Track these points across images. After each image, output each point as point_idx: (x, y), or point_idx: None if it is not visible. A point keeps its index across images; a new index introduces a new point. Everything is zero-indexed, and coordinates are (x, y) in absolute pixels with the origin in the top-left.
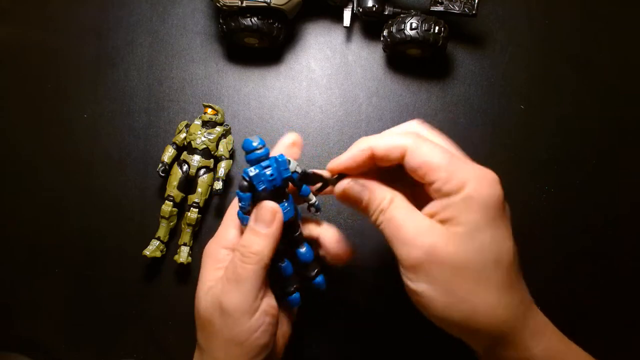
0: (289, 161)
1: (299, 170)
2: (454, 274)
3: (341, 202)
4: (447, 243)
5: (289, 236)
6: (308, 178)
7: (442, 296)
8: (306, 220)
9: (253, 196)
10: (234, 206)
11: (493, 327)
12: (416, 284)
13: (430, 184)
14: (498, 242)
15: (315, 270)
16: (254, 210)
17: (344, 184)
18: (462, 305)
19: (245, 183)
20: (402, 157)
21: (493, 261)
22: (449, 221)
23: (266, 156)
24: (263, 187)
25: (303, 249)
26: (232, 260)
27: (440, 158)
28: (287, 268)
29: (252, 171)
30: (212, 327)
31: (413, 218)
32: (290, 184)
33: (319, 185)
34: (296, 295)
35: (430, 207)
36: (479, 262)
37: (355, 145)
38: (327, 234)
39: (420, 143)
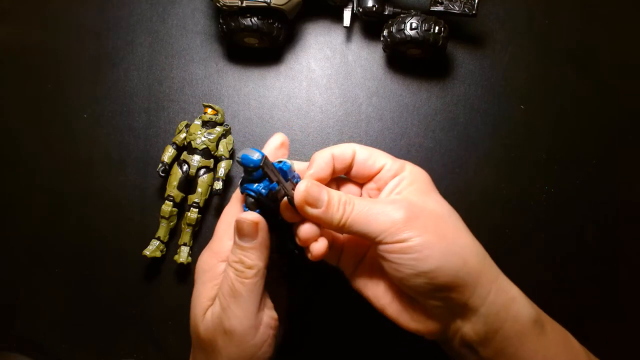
0: (292, 165)
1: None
2: (437, 221)
3: (301, 210)
4: (417, 201)
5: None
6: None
7: (437, 242)
8: None
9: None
10: (227, 214)
11: (482, 265)
12: (411, 241)
13: (378, 170)
14: (444, 202)
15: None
16: (234, 225)
17: (303, 185)
18: (457, 248)
19: (253, 200)
20: (353, 156)
21: (452, 212)
22: (403, 191)
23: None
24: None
25: None
26: (227, 277)
27: (378, 151)
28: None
29: (263, 190)
30: (214, 347)
31: (375, 200)
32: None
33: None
34: None
35: (383, 192)
36: (445, 211)
37: (318, 158)
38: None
39: (361, 146)
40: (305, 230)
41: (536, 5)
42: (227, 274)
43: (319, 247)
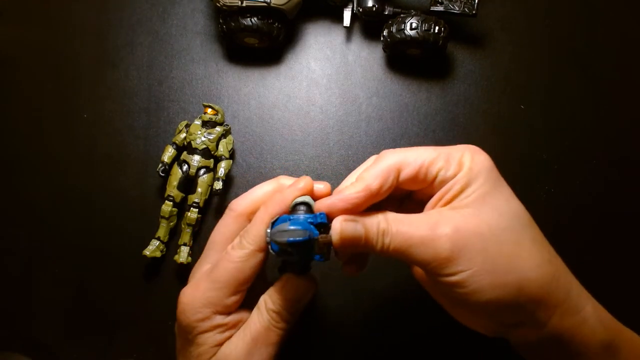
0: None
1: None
2: (487, 245)
3: (342, 251)
4: (464, 218)
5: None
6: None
7: (486, 274)
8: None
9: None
10: (233, 262)
11: (546, 289)
12: (457, 276)
13: (433, 179)
14: (508, 200)
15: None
16: (290, 286)
17: (337, 228)
18: (511, 276)
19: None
20: (397, 178)
21: (515, 219)
22: (455, 199)
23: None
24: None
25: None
26: (262, 322)
27: (430, 152)
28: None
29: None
30: None
31: (418, 218)
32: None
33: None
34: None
35: (432, 201)
36: (501, 222)
37: (349, 190)
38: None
39: (404, 153)
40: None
41: (536, 5)
42: (261, 319)
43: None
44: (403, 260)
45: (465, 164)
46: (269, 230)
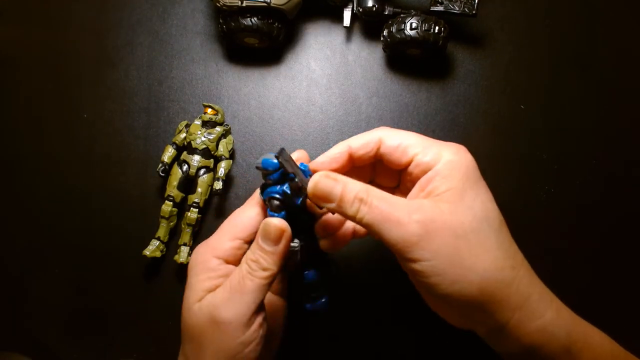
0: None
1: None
2: (454, 240)
3: (315, 202)
4: (440, 212)
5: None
6: (283, 158)
7: (449, 267)
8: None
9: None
10: (238, 215)
11: (505, 292)
12: (419, 264)
13: (409, 161)
14: (484, 202)
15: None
16: (261, 226)
17: (314, 179)
18: (472, 275)
19: (278, 202)
20: (378, 149)
21: (485, 221)
22: (434, 191)
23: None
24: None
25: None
26: (240, 271)
27: (413, 137)
28: (309, 274)
29: (286, 189)
30: (204, 338)
31: (398, 200)
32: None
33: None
34: (322, 300)
35: (413, 191)
36: (474, 223)
37: (333, 148)
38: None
39: (392, 131)
40: (321, 225)
41: (536, 5)
42: (240, 269)
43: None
44: (371, 234)
45: (443, 157)
46: (257, 191)
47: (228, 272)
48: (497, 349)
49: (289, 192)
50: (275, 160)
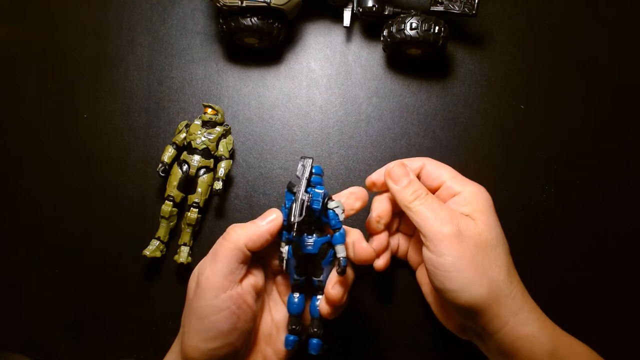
0: (326, 195)
1: (337, 210)
2: (476, 249)
3: (385, 179)
4: (470, 225)
5: (308, 269)
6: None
7: (468, 268)
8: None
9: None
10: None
11: (506, 300)
12: (445, 258)
13: (439, 185)
14: (495, 227)
15: (317, 329)
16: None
17: (391, 165)
18: (483, 278)
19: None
20: (421, 169)
21: (501, 242)
22: (462, 210)
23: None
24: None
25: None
26: (217, 241)
27: (446, 168)
28: (294, 304)
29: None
30: (189, 300)
31: (446, 206)
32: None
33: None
34: (292, 338)
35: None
36: (493, 241)
37: (386, 166)
38: (354, 235)
39: (431, 161)
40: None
41: (536, 6)
42: (219, 239)
43: (381, 262)
44: (413, 220)
45: (468, 188)
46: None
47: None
48: (490, 355)
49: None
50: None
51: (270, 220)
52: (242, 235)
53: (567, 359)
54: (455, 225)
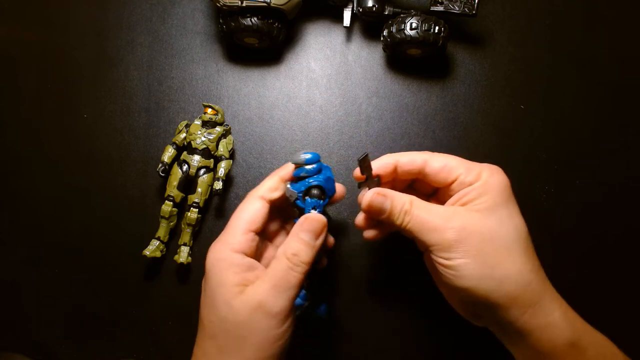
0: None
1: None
2: (484, 245)
3: (366, 213)
4: (473, 220)
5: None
6: (364, 162)
7: (477, 266)
8: None
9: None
10: (244, 210)
11: (521, 291)
12: (452, 261)
13: (453, 181)
14: (513, 217)
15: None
16: (303, 221)
17: (368, 197)
18: (495, 273)
19: (318, 191)
20: (423, 167)
21: (513, 231)
22: (470, 202)
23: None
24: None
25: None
26: (281, 266)
27: (456, 160)
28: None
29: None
30: (247, 330)
31: (436, 209)
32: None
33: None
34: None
35: (451, 199)
36: (502, 232)
37: (381, 159)
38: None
39: (436, 154)
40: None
41: (536, 6)
42: (279, 263)
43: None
44: (413, 237)
45: (482, 177)
46: (288, 186)
47: (251, 265)
48: (507, 343)
49: (325, 184)
50: (310, 155)
51: (325, 231)
52: (312, 257)
53: (586, 349)
54: (455, 226)
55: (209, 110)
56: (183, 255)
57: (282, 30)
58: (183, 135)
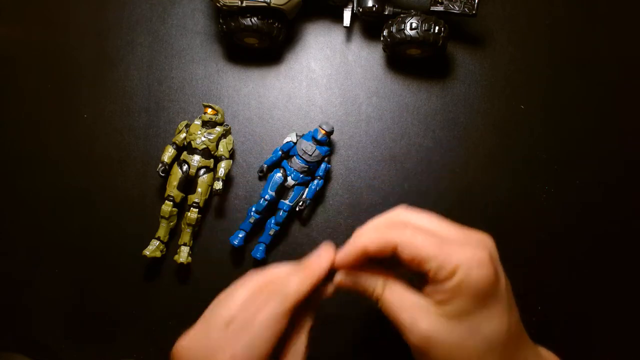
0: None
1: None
2: (452, 355)
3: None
4: (441, 328)
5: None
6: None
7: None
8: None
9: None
10: (264, 327)
11: None
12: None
13: (425, 273)
14: (490, 323)
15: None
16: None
17: (337, 280)
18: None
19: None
20: (394, 251)
21: (486, 343)
22: (443, 303)
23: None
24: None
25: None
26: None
27: (430, 249)
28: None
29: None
30: None
31: (409, 302)
32: None
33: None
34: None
35: (428, 288)
36: (471, 343)
37: (350, 245)
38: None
39: (410, 236)
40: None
41: (536, 6)
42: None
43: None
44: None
45: (457, 275)
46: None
47: None
48: None
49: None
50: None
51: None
52: None
53: None
54: (422, 331)
55: (209, 110)
56: (183, 255)
57: (282, 30)
58: (183, 135)
